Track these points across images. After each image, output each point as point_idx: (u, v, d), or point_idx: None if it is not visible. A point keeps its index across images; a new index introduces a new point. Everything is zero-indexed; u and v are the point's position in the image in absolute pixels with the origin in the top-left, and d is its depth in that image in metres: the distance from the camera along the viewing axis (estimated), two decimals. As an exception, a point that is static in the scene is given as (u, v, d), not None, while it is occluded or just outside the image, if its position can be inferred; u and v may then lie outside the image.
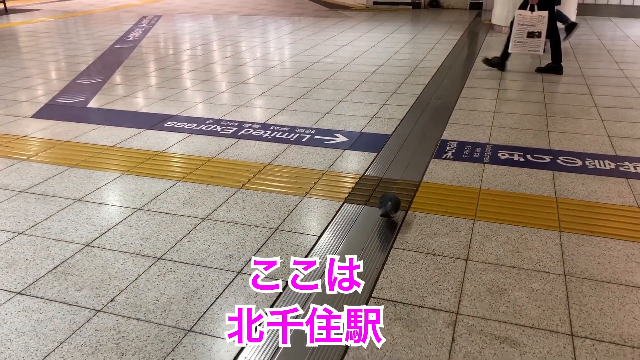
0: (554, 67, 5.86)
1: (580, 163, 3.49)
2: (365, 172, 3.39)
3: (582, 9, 9.61)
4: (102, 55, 7.25)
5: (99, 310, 2.14)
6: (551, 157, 3.59)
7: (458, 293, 2.22)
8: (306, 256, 2.49)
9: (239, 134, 4.11)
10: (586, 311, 2.11)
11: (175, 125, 4.32)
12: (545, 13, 5.57)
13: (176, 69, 6.37)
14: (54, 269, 2.42)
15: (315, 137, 4.03)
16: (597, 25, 9.19)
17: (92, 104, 4.99)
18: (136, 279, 2.34)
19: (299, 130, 4.18)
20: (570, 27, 7.12)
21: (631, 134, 4.01)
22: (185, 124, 4.36)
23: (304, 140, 3.96)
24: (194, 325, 2.06)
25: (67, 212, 2.93)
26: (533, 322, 2.05)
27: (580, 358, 1.87)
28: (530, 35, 5.66)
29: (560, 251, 2.51)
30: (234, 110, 4.72)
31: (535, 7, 5.56)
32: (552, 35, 5.69)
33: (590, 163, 3.49)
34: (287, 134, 4.10)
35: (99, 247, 2.59)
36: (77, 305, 2.17)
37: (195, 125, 4.32)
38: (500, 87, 5.34)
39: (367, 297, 2.20)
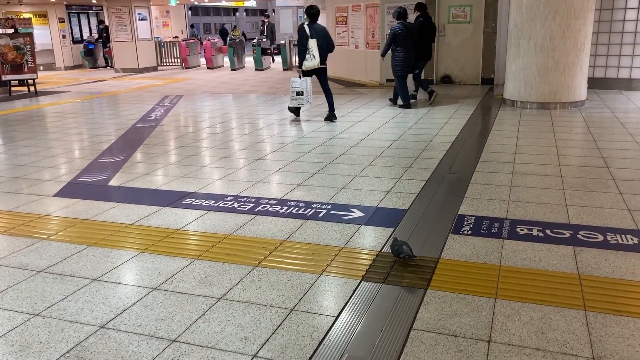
0: (330, 115, 8.14)
1: (601, 238, 3.43)
2: (382, 249, 3.36)
3: (593, 83, 9.79)
4: (124, 134, 7.51)
5: (111, 397, 2.08)
6: (571, 232, 3.53)
7: (482, 378, 2.13)
8: (323, 338, 2.43)
9: (256, 210, 4.14)
10: (619, 398, 1.99)
11: (194, 203, 4.38)
12: (307, 79, 8.06)
13: (195, 147, 6.54)
14: (67, 352, 2.38)
15: (332, 212, 4.04)
16: (609, 98, 9.32)
17: (113, 182, 5.11)
18: (150, 362, 2.29)
19: (315, 205, 4.20)
20: (430, 93, 9.42)
21: (652, 207, 3.96)
22: (203, 200, 4.42)
23: (320, 215, 3.97)
24: (208, 413, 1.98)
25: (83, 292, 2.92)
26: (563, 411, 1.94)
27: None
28: (298, 94, 8.13)
29: (587, 332, 2.41)
30: (251, 186, 4.79)
31: (302, 75, 8.05)
32: (327, 92, 8.21)
33: (612, 238, 3.42)
34: (303, 209, 4.12)
35: (113, 329, 2.56)
36: (89, 392, 2.12)
37: (213, 202, 4.38)
38: (516, 161, 5.37)
39: (386, 383, 2.12)
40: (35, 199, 4.61)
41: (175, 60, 20.03)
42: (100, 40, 19.91)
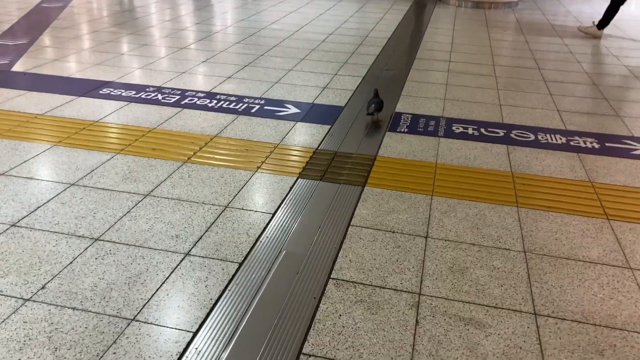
0: None
1: (533, 137, 3.49)
2: (319, 146, 3.24)
3: (526, -16, 9.71)
4: (27, 14, 6.64)
5: (28, 299, 1.91)
6: (505, 131, 3.56)
7: (419, 272, 2.14)
8: (260, 235, 2.33)
9: (182, 103, 3.84)
10: (547, 289, 2.08)
11: (112, 93, 3.99)
12: None
13: (112, 32, 5.92)
14: (-27, 253, 2.14)
15: (265, 107, 3.82)
16: (540, 1, 9.33)
17: (17, 67, 4.54)
18: (70, 262, 2.11)
19: (247, 100, 3.96)
20: None
21: (579, 109, 4.06)
22: (123, 91, 4.04)
23: (253, 110, 3.75)
24: (138, 313, 1.87)
25: (-12, 188, 2.62)
26: (496, 302, 2.00)
27: (544, 337, 1.84)
28: None
29: (519, 227, 2.47)
30: (176, 77, 4.42)
31: None
32: None
33: (542, 137, 3.49)
34: (234, 103, 3.87)
35: (27, 227, 2.32)
36: (2, 295, 1.93)
37: (134, 92, 4.01)
38: (452, 60, 5.29)
39: (325, 279, 2.08)
40: None
41: None
42: None
